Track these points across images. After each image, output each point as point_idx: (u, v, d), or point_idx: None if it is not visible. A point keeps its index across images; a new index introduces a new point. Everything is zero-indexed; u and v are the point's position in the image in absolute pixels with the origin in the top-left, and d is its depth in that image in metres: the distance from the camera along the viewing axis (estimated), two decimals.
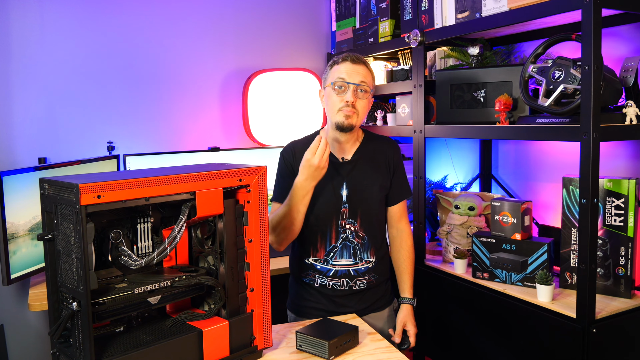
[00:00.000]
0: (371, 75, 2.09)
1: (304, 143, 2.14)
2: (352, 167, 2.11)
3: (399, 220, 2.22)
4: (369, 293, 2.15)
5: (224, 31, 3.39)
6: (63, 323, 1.40)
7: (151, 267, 1.62)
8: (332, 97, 2.05)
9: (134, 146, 3.17)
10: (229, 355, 1.63)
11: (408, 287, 2.18)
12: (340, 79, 2.03)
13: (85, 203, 1.30)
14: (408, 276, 2.19)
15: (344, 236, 2.09)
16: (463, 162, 3.29)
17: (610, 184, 2.09)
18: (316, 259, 2.11)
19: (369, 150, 2.16)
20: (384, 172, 2.16)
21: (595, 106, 1.83)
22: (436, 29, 2.54)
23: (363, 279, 2.12)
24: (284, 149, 2.18)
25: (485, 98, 2.42)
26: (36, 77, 2.91)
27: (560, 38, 2.07)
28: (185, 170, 1.57)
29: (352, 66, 2.04)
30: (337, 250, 2.09)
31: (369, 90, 2.06)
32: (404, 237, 2.21)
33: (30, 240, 2.47)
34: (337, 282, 2.10)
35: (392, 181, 2.17)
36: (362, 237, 2.10)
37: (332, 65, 2.09)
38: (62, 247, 1.39)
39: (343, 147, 2.13)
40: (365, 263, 2.11)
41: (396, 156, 2.20)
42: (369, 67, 2.09)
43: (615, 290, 2.10)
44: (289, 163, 2.13)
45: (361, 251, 2.10)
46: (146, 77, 3.20)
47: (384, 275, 2.19)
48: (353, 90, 2.02)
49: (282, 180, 2.14)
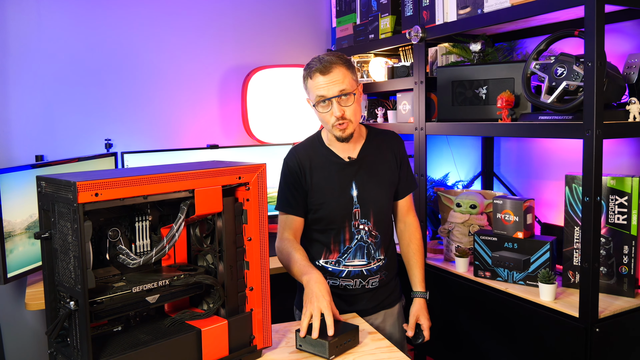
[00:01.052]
0: (348, 71, 1.98)
1: (305, 146, 2.14)
2: (360, 166, 2.09)
3: (406, 214, 2.22)
4: (380, 291, 2.15)
5: (223, 27, 3.39)
6: (60, 322, 1.40)
7: (149, 265, 1.62)
8: (320, 114, 2.01)
9: (132, 144, 3.17)
10: (228, 355, 1.63)
11: (419, 281, 2.17)
12: (319, 96, 1.96)
13: (83, 201, 1.29)
14: (419, 270, 2.18)
15: (358, 237, 2.08)
16: (465, 159, 3.28)
17: (613, 181, 2.08)
18: (327, 260, 2.10)
19: (375, 146, 2.14)
20: (392, 166, 2.14)
21: (599, 103, 1.83)
22: (437, 25, 2.53)
23: (375, 278, 2.12)
24: (287, 156, 2.14)
25: (487, 95, 2.41)
26: (33, 73, 2.91)
27: (563, 34, 2.07)
28: (184, 168, 1.56)
29: (324, 78, 1.94)
30: (351, 251, 2.09)
31: (351, 91, 1.97)
32: (412, 231, 2.21)
33: (27, 239, 2.46)
34: (350, 282, 2.10)
35: (400, 175, 2.16)
36: (376, 235, 2.10)
37: (306, 80, 2.01)
38: (60, 246, 1.39)
39: (347, 147, 2.10)
40: (378, 262, 2.11)
41: (401, 149, 2.18)
42: (341, 64, 1.96)
43: (618, 289, 2.10)
44: (293, 171, 2.09)
45: (374, 250, 2.10)
46: (144, 74, 3.19)
47: (393, 272, 2.20)
48: (337, 102, 1.96)
49: (285, 188, 2.11)
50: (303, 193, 2.08)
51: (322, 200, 2.06)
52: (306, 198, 2.08)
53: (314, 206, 2.08)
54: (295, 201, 2.07)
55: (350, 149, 2.11)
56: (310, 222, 2.11)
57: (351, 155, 2.10)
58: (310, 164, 2.09)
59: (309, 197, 2.08)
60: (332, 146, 2.11)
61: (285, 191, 2.10)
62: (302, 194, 2.08)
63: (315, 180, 2.07)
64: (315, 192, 2.07)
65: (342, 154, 2.10)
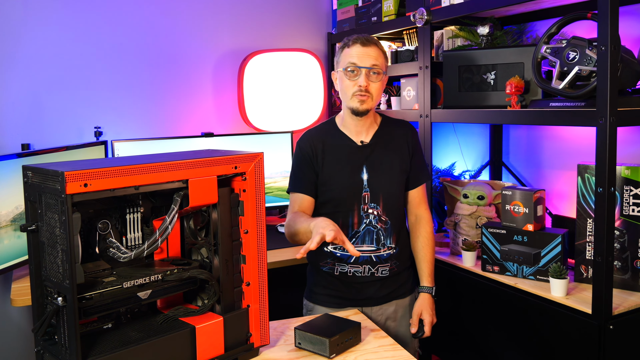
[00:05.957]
0: (383, 55, 2.13)
1: (319, 129, 2.24)
2: (371, 151, 2.17)
3: (417, 206, 2.26)
4: (390, 280, 2.19)
5: (219, 9, 3.37)
6: (47, 319, 1.40)
7: (141, 259, 1.61)
8: (345, 82, 2.11)
9: (123, 132, 3.16)
10: (224, 353, 1.63)
11: (427, 276, 2.21)
12: (352, 63, 2.08)
13: (71, 192, 1.29)
14: (427, 264, 2.22)
15: (367, 221, 2.14)
16: (472, 148, 3.28)
17: (628, 171, 2.08)
18: (336, 246, 2.14)
19: (388, 133, 2.21)
20: (404, 154, 2.21)
21: (612, 89, 1.82)
22: (443, 7, 2.52)
23: (385, 266, 2.15)
24: (300, 139, 2.24)
25: (495, 80, 2.41)
26: (19, 58, 2.89)
27: (575, 17, 2.06)
28: (177, 157, 1.56)
29: (363, 49, 2.08)
30: (359, 235, 2.14)
31: (381, 72, 2.10)
32: (422, 224, 2.25)
33: (13, 232, 2.46)
34: (359, 268, 2.14)
35: (411, 164, 2.22)
36: (385, 221, 2.15)
37: (342, 49, 2.14)
38: (47, 239, 1.39)
39: (360, 131, 2.18)
40: (388, 249, 2.16)
41: (414, 138, 2.25)
42: (380, 47, 2.13)
43: (633, 284, 2.10)
44: (305, 153, 2.18)
45: (384, 237, 2.15)
46: (135, 59, 3.18)
47: (405, 263, 2.23)
48: (365, 73, 2.07)
49: (298, 170, 2.20)
50: (314, 174, 2.16)
51: (332, 182, 2.14)
52: (317, 179, 2.16)
53: (324, 187, 2.15)
54: (307, 180, 2.16)
55: (364, 133, 2.18)
56: (320, 204, 2.18)
57: (364, 139, 2.18)
58: (323, 146, 2.17)
59: (319, 178, 2.16)
60: (346, 129, 2.20)
61: (297, 172, 2.20)
62: (313, 174, 2.16)
63: (327, 161, 2.16)
64: (326, 174, 2.15)
65: (355, 137, 2.18)
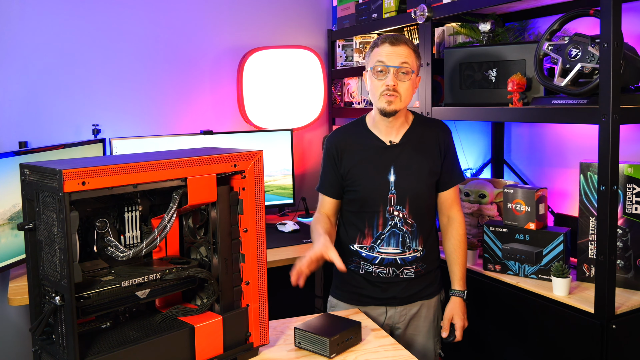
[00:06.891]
0: (414, 55, 2.11)
1: (347, 128, 2.25)
2: (400, 151, 2.14)
3: (450, 207, 2.23)
4: (416, 281, 2.17)
5: (218, 6, 3.37)
6: (45, 319, 1.40)
7: (139, 258, 1.61)
8: (373, 81, 2.11)
9: (121, 129, 3.16)
10: (223, 353, 1.63)
11: (458, 279, 2.19)
12: (380, 62, 2.07)
13: (69, 190, 1.29)
14: (459, 267, 2.20)
15: (392, 223, 2.12)
16: (473, 146, 3.28)
17: (631, 169, 2.08)
18: (362, 245, 2.15)
19: (418, 133, 2.18)
20: (434, 156, 2.17)
21: (615, 86, 1.82)
22: (444, 4, 2.52)
23: (410, 268, 2.14)
24: (328, 137, 2.26)
25: (497, 78, 2.41)
26: (16, 55, 2.89)
27: (577, 13, 2.05)
28: (176, 155, 1.56)
29: (392, 48, 2.07)
30: (384, 237, 2.13)
31: (410, 71, 2.08)
32: (455, 226, 2.22)
33: (10, 230, 2.46)
34: (383, 269, 2.14)
35: (443, 165, 2.19)
36: (411, 224, 2.13)
37: (372, 48, 2.14)
38: (44, 238, 1.38)
39: (390, 131, 2.16)
40: (413, 252, 2.14)
41: (447, 139, 2.21)
42: (411, 46, 2.11)
43: (636, 283, 2.10)
44: (330, 152, 2.20)
45: (410, 239, 2.13)
46: (133, 56, 3.18)
47: (432, 265, 2.21)
48: (393, 73, 2.05)
49: (324, 169, 2.24)
50: (337, 175, 2.18)
51: (358, 182, 2.14)
52: (341, 180, 2.18)
53: (350, 187, 2.16)
54: (329, 181, 2.20)
55: (394, 133, 2.16)
56: (346, 203, 2.21)
57: (393, 139, 2.16)
58: (347, 146, 2.18)
59: (346, 178, 2.16)
60: (375, 129, 2.18)
61: (323, 172, 2.25)
62: (335, 175, 2.19)
63: (353, 162, 2.16)
64: (352, 174, 2.15)
65: (385, 137, 2.16)
